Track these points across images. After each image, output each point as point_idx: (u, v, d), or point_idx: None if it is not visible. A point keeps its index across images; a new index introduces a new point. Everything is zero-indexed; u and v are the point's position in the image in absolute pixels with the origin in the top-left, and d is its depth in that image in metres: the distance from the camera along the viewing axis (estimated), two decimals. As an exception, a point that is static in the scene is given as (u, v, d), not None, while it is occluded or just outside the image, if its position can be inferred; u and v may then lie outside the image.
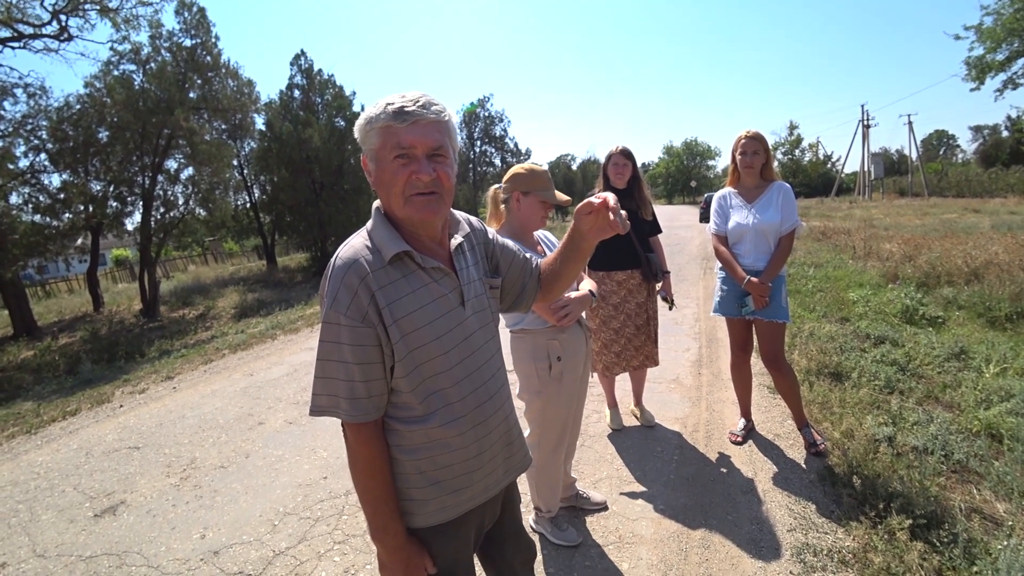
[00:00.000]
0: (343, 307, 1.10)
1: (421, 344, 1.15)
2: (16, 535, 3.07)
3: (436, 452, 1.20)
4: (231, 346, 7.52)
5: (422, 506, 1.22)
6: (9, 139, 12.95)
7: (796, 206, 3.04)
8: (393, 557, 1.20)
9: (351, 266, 1.12)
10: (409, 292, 1.15)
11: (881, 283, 7.41)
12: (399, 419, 1.20)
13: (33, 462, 4.11)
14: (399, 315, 1.13)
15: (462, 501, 1.25)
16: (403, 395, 1.18)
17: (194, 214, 17.45)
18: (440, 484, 1.22)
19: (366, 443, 1.17)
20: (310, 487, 3.25)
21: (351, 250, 1.15)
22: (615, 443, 3.49)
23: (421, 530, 1.24)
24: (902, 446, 3.04)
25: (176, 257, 30.59)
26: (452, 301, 1.22)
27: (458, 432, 1.21)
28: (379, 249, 1.15)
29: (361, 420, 1.14)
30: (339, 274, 1.12)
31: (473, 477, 1.25)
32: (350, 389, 1.12)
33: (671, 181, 66.42)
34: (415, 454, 1.20)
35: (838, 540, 2.38)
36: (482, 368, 1.26)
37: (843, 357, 4.48)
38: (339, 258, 1.15)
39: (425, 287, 1.18)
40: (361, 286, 1.11)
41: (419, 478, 1.21)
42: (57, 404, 5.75)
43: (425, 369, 1.16)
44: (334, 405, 1.14)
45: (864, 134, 41.59)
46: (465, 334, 1.23)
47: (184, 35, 16.08)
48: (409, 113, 1.10)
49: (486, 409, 1.26)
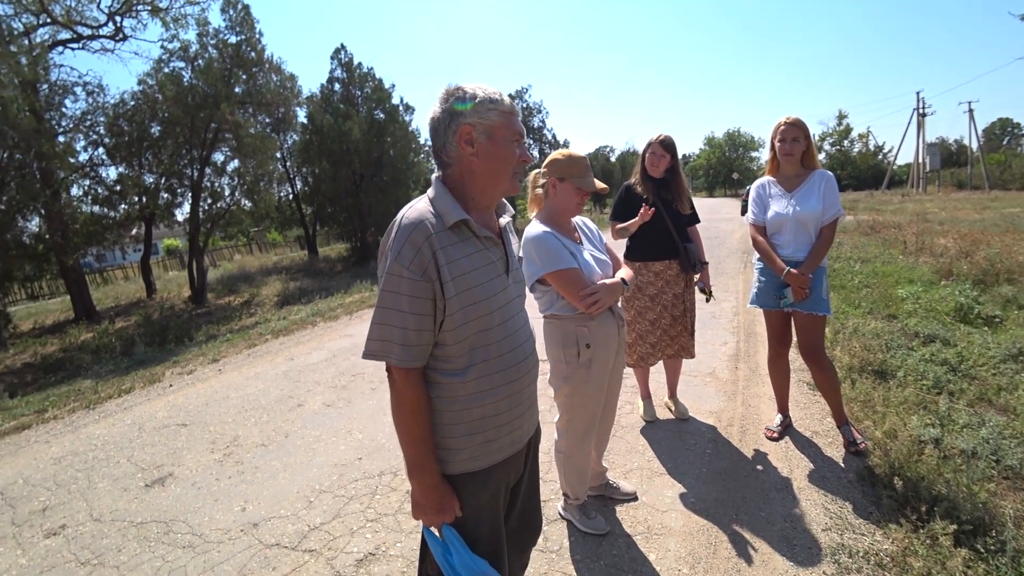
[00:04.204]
0: (406, 261, 1.22)
1: (472, 302, 1.28)
2: (75, 500, 3.28)
3: (472, 404, 1.33)
4: (273, 332, 7.78)
5: (455, 454, 1.34)
6: (70, 134, 13.70)
7: (839, 195, 2.93)
8: (427, 495, 1.32)
9: (417, 226, 1.24)
10: (465, 255, 1.29)
11: (933, 280, 7.07)
12: (441, 371, 1.32)
13: (91, 435, 4.37)
14: (455, 274, 1.26)
15: (492, 451, 1.38)
16: (448, 348, 1.30)
17: (240, 205, 18.09)
18: (473, 435, 1.34)
19: (413, 386, 1.28)
20: (345, 467, 3.34)
21: (416, 212, 1.28)
22: (647, 435, 3.46)
23: (453, 476, 1.36)
24: (949, 449, 2.91)
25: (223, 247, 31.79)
26: (499, 268, 1.38)
27: (492, 386, 1.34)
28: (441, 215, 1.29)
29: (409, 365, 1.26)
30: (405, 232, 1.24)
31: (502, 431, 1.38)
32: (403, 336, 1.24)
33: (712, 173, 64.79)
34: (453, 404, 1.32)
35: (876, 542, 2.30)
36: (518, 332, 1.42)
37: (888, 355, 4.31)
38: (405, 218, 1.28)
39: (478, 252, 1.33)
40: (425, 244, 1.23)
41: (454, 428, 1.33)
42: (113, 383, 6.09)
43: (472, 325, 1.29)
44: (386, 349, 1.25)
45: (919, 123, 39.53)
46: (507, 299, 1.39)
47: (230, 32, 16.62)
48: (517, 107, 1.35)
49: (520, 368, 1.40)
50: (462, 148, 1.30)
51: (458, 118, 1.28)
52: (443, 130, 1.31)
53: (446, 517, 1.34)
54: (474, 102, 1.28)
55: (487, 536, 1.39)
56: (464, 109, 1.28)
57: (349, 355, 5.98)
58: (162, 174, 15.70)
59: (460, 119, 1.28)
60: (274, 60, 18.09)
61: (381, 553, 2.49)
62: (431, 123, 1.33)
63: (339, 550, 2.54)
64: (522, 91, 32.14)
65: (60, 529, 2.98)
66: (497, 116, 1.29)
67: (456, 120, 1.29)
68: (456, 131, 1.29)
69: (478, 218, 1.36)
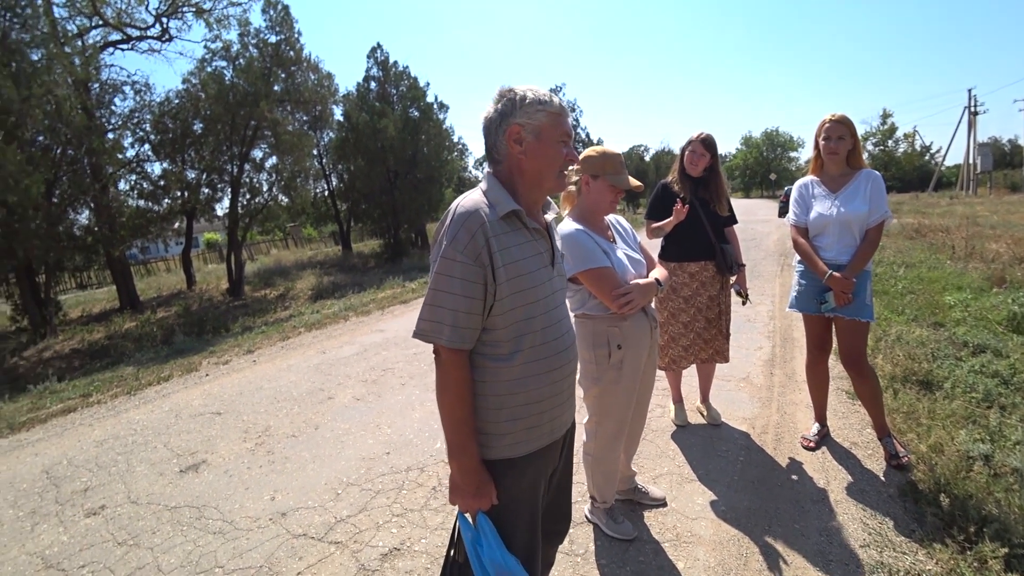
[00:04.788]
0: (461, 246, 1.27)
1: (521, 289, 1.33)
2: (115, 482, 3.40)
3: (517, 389, 1.37)
4: (307, 325, 7.94)
5: (497, 440, 1.38)
6: (119, 131, 14.30)
7: (886, 196, 2.80)
8: (467, 478, 1.34)
9: (472, 214, 1.30)
10: (516, 244, 1.35)
11: (984, 287, 6.72)
12: (488, 356, 1.36)
13: (132, 420, 4.53)
14: (507, 261, 1.31)
15: (532, 439, 1.41)
16: (496, 332, 1.34)
17: (277, 201, 18.52)
18: (516, 420, 1.38)
19: (460, 367, 1.32)
20: (373, 461, 3.37)
21: (471, 202, 1.33)
22: (678, 439, 3.39)
23: (492, 463, 1.38)
24: (1000, 466, 2.74)
25: (260, 241, 32.61)
26: (545, 259, 1.44)
27: (535, 373, 1.38)
28: (494, 205, 1.34)
29: (458, 346, 1.30)
30: (461, 219, 1.29)
31: (543, 417, 1.42)
32: (454, 318, 1.28)
33: (749, 174, 63.28)
34: (497, 388, 1.36)
35: (918, 562, 2.19)
36: (561, 321, 1.47)
37: (935, 365, 4.11)
38: (460, 206, 1.33)
39: (528, 243, 1.39)
40: (479, 231, 1.28)
41: (499, 413, 1.37)
42: (153, 370, 6.30)
43: (520, 312, 1.34)
44: (437, 330, 1.29)
45: (970, 122, 37.71)
46: (552, 289, 1.44)
47: (270, 32, 17.02)
48: (566, 109, 1.40)
49: (562, 357, 1.44)
50: (511, 147, 1.36)
51: (508, 118, 1.35)
52: (494, 129, 1.37)
53: (483, 503, 1.35)
54: (529, 103, 1.34)
55: (525, 527, 1.41)
56: (521, 109, 1.34)
57: (380, 350, 6.05)
58: (203, 170, 16.20)
59: (510, 119, 1.35)
60: (312, 59, 18.46)
61: (406, 548, 2.49)
62: (484, 122, 1.39)
63: (364, 543, 2.56)
64: (556, 90, 31.93)
65: (100, 509, 3.09)
66: (545, 117, 1.35)
67: (506, 120, 1.35)
68: (506, 130, 1.36)
69: (528, 212, 1.41)
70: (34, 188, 10.12)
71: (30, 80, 10.61)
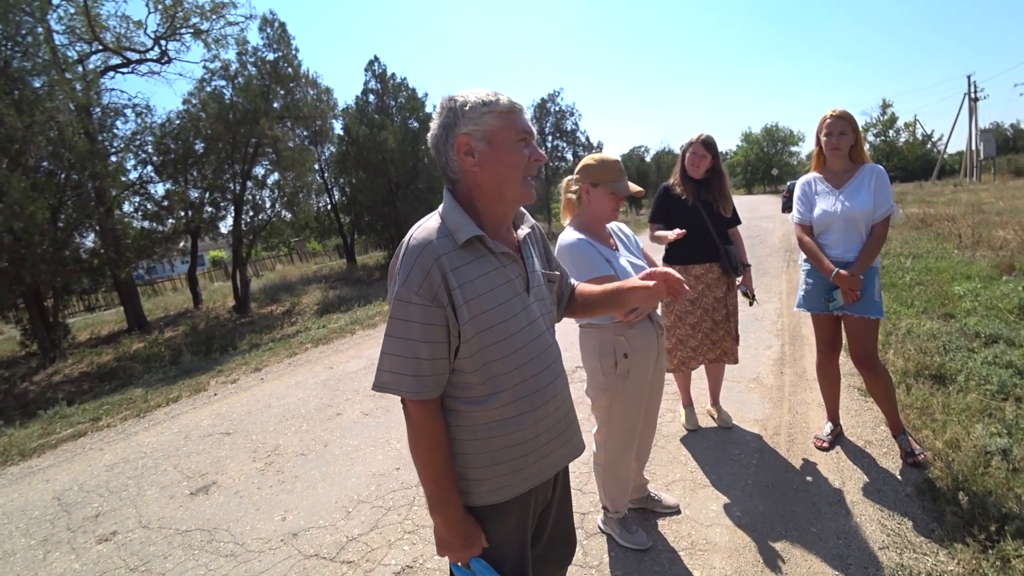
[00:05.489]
0: (415, 286, 1.14)
1: (488, 326, 1.19)
2: (126, 507, 3.40)
3: (495, 433, 1.24)
4: (313, 340, 7.95)
5: (478, 485, 1.25)
6: (121, 154, 14.40)
7: (891, 190, 2.77)
8: (453, 531, 1.23)
9: (426, 247, 1.16)
10: (480, 275, 1.20)
11: (993, 275, 6.65)
12: (461, 399, 1.23)
13: (141, 442, 4.53)
14: (469, 296, 1.17)
15: (517, 482, 1.28)
16: (466, 375, 1.21)
17: (280, 216, 18.63)
18: (497, 465, 1.25)
19: (431, 418, 1.20)
20: (383, 477, 3.35)
21: (425, 231, 1.19)
22: (689, 444, 3.35)
23: (476, 508, 1.27)
24: (1020, 460, 2.69)
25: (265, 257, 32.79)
26: (518, 287, 1.27)
27: (517, 413, 1.25)
28: (453, 232, 1.19)
29: (423, 397, 1.18)
30: (413, 254, 1.16)
31: (528, 459, 1.28)
32: (416, 366, 1.16)
33: (750, 170, 63.18)
34: (475, 433, 1.24)
35: (939, 563, 2.14)
36: (543, 354, 1.30)
37: (947, 357, 4.06)
38: (413, 238, 1.19)
39: (495, 271, 1.23)
40: (434, 267, 1.14)
41: (477, 458, 1.24)
42: (162, 391, 6.32)
43: (490, 351, 1.20)
44: (397, 382, 1.17)
45: (971, 108, 37.52)
46: (530, 319, 1.28)
47: (267, 50, 17.17)
48: (520, 104, 1.23)
49: (546, 393, 1.30)
50: (463, 161, 1.21)
51: (453, 130, 1.19)
52: (442, 146, 1.22)
53: (474, 551, 1.25)
54: (472, 108, 1.18)
55: (512, 566, 1.31)
56: (466, 118, 1.19)
57: (385, 363, 6.03)
58: (206, 189, 16.31)
59: (455, 130, 1.19)
60: (310, 75, 18.58)
61: (419, 566, 2.47)
62: (431, 140, 1.25)
63: (377, 562, 2.53)
64: (554, 94, 32.06)
65: (111, 535, 3.08)
66: (494, 119, 1.18)
67: (451, 132, 1.20)
68: (453, 144, 1.20)
69: (494, 233, 1.26)
70: (39, 214, 10.20)
71: (32, 107, 10.72)
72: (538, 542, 1.46)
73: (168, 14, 15.18)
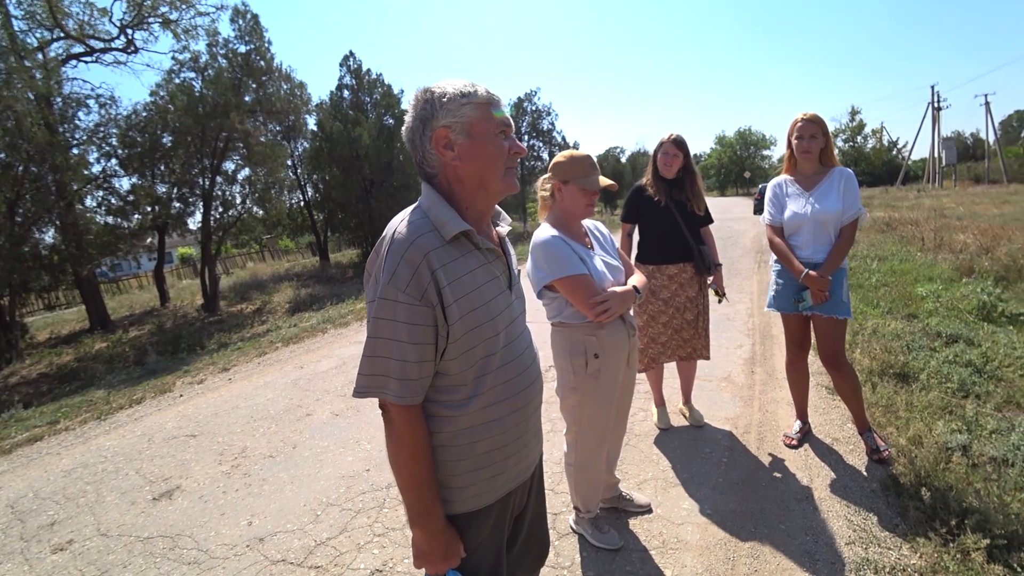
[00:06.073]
0: (403, 284, 1.08)
1: (477, 325, 1.15)
2: (83, 514, 3.26)
3: (478, 437, 1.20)
4: (284, 339, 7.78)
5: (460, 492, 1.22)
6: (84, 147, 13.85)
7: (859, 193, 2.82)
8: (433, 542, 1.19)
9: (413, 242, 1.10)
10: (467, 272, 1.16)
11: (954, 277, 6.89)
12: (443, 403, 1.18)
13: (102, 446, 4.36)
14: (458, 294, 1.12)
15: (498, 486, 1.25)
16: (451, 377, 1.17)
17: (251, 213, 18.16)
18: (480, 470, 1.22)
19: (415, 425, 1.15)
20: (353, 479, 3.29)
21: (411, 226, 1.13)
22: (661, 443, 3.37)
23: (456, 516, 1.24)
24: (978, 456, 2.78)
25: (235, 254, 32.07)
26: (502, 284, 1.25)
27: (499, 416, 1.22)
28: (439, 227, 1.15)
29: (409, 402, 1.12)
30: (399, 249, 1.10)
31: (509, 462, 1.26)
32: (402, 369, 1.10)
33: (724, 172, 64.38)
34: (457, 439, 1.20)
35: (903, 557, 2.19)
36: (524, 353, 1.29)
37: (910, 356, 4.17)
38: (398, 233, 1.13)
39: (481, 267, 1.20)
40: (423, 263, 1.09)
41: (460, 464, 1.20)
42: (125, 393, 6.10)
43: (478, 351, 1.16)
44: (383, 385, 1.12)
45: (934, 117, 38.93)
46: (512, 317, 1.26)
47: (239, 42, 16.71)
48: (498, 96, 1.20)
49: (527, 394, 1.27)
50: (442, 154, 1.16)
51: (430, 122, 1.15)
52: (418, 139, 1.18)
53: (453, 562, 1.21)
54: (450, 100, 1.14)
55: (487, 573, 1.28)
56: (445, 110, 1.14)
57: (359, 362, 5.94)
58: (174, 184, 15.83)
59: (432, 123, 1.15)
60: (283, 68, 18.18)
61: (388, 570, 2.42)
62: (406, 134, 1.20)
63: (346, 566, 2.48)
64: (531, 94, 32.08)
65: (67, 544, 2.95)
66: (473, 110, 1.15)
67: (429, 125, 1.15)
68: (431, 137, 1.16)
69: (477, 228, 1.23)
70: (-5, 208, 9.77)
71: (-12, 96, 10.26)
72: (513, 546, 1.43)
73: (135, 2, 14.67)
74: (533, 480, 1.44)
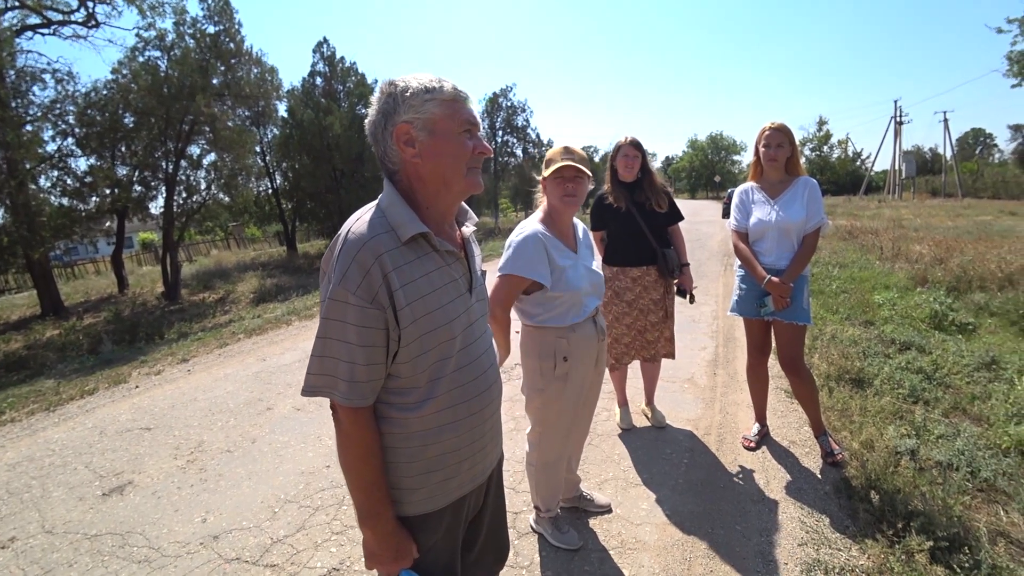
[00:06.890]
0: (353, 285, 1.05)
1: (431, 329, 1.13)
2: (27, 510, 3.12)
3: (431, 440, 1.18)
4: (247, 331, 7.59)
5: (411, 495, 1.20)
6: (38, 123, 13.22)
7: (823, 203, 2.90)
8: (383, 544, 1.17)
9: (365, 243, 1.07)
10: (423, 275, 1.13)
11: (909, 286, 7.16)
12: (395, 405, 1.16)
13: (49, 439, 4.17)
14: (412, 298, 1.10)
15: (451, 489, 1.24)
16: (402, 380, 1.15)
17: (216, 199, 17.63)
18: (432, 473, 1.20)
19: (363, 427, 1.13)
20: (312, 475, 3.23)
21: (365, 226, 1.10)
22: (623, 443, 3.40)
23: (408, 518, 1.22)
24: (925, 460, 2.90)
25: (199, 241, 31.08)
26: (461, 287, 1.22)
27: (453, 419, 1.20)
28: (395, 228, 1.11)
29: (357, 404, 1.10)
30: (351, 250, 1.07)
31: (463, 466, 1.24)
32: (350, 371, 1.08)
33: (695, 176, 65.61)
34: (409, 441, 1.17)
35: (852, 558, 2.27)
36: (482, 357, 1.26)
37: (866, 363, 4.32)
38: (352, 233, 1.10)
39: (439, 270, 1.17)
40: (375, 265, 1.06)
41: (411, 467, 1.18)
42: (76, 383, 5.85)
43: (431, 355, 1.14)
44: (331, 386, 1.10)
45: (896, 131, 40.38)
46: (470, 320, 1.23)
47: (208, 22, 16.20)
48: (465, 92, 1.16)
49: (483, 399, 1.25)
50: (403, 151, 1.13)
51: (392, 117, 1.11)
52: (380, 133, 1.14)
53: (405, 563, 1.20)
54: (413, 95, 1.10)
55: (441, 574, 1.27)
56: (407, 105, 1.11)
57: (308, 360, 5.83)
58: (135, 166, 15.25)
59: (394, 117, 1.11)
60: (254, 52, 17.68)
61: (345, 568, 2.39)
62: (368, 127, 1.17)
63: (302, 565, 2.43)
64: (507, 89, 32.06)
65: (9, 542, 2.82)
66: (437, 107, 1.11)
67: (391, 120, 1.12)
68: (392, 132, 1.12)
69: (437, 229, 1.20)
70: (-62, 185, 9.24)
71: (-67, 66, 9.69)
72: (472, 548, 1.42)
73: (97, -26, 14.07)
74: (491, 483, 1.42)
